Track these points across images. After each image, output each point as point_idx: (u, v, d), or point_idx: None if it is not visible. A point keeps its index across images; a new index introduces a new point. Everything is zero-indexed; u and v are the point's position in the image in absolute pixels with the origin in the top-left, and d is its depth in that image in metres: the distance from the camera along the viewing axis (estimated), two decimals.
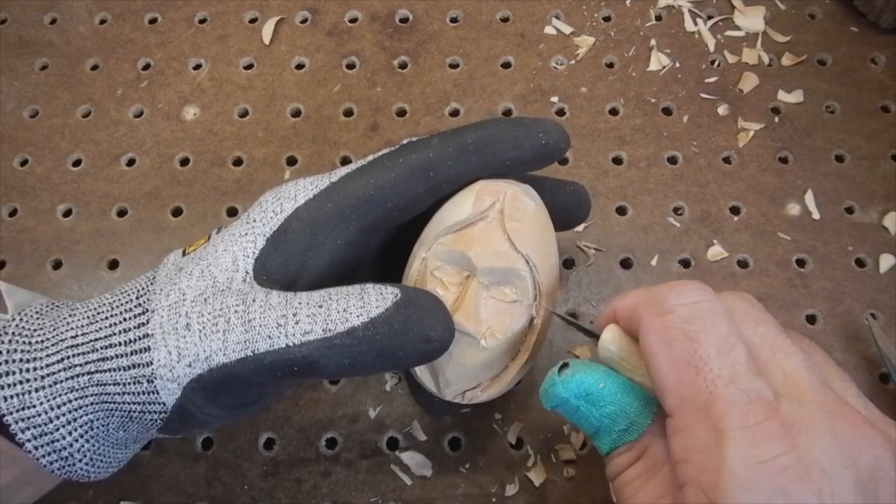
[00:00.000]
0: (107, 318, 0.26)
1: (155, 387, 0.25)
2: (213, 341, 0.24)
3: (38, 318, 0.27)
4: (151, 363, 0.25)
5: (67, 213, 0.41)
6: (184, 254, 0.28)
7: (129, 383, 0.25)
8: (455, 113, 0.43)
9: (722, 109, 0.43)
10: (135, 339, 0.25)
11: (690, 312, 0.22)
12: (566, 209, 0.32)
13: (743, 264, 0.39)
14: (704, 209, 0.40)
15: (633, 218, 0.40)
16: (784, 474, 0.20)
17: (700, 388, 0.21)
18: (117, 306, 0.26)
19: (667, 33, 0.45)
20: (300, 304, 0.25)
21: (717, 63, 0.44)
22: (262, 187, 0.41)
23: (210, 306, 0.25)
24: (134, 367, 0.25)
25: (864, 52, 0.44)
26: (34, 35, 0.46)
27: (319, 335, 0.24)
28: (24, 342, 0.25)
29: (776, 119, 0.42)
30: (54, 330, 0.26)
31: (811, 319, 0.37)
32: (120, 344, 0.25)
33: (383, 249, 0.31)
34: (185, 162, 0.42)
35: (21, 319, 0.26)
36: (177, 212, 0.41)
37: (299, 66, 0.45)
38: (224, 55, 0.45)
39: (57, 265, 0.40)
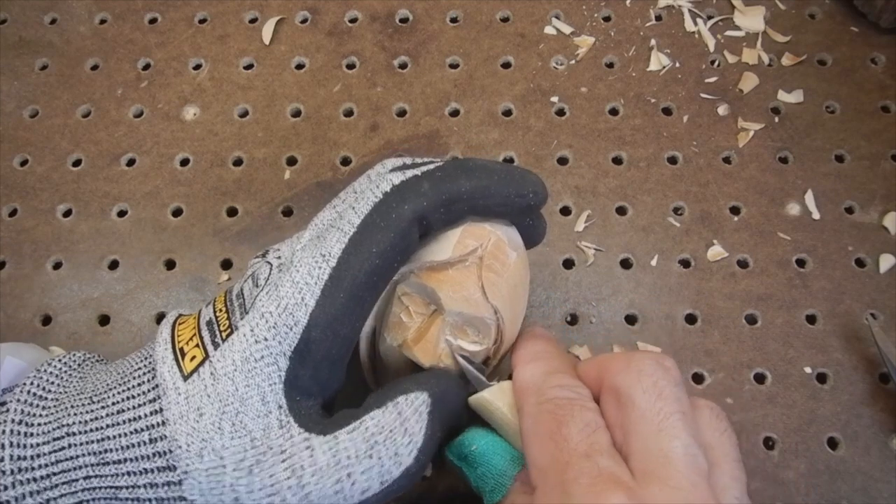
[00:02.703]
0: (120, 461, 0.24)
1: None
2: None
3: (29, 436, 0.25)
4: None
5: (67, 213, 0.41)
6: (183, 375, 0.25)
7: None
8: (455, 113, 0.43)
9: (722, 109, 0.43)
10: (168, 500, 0.24)
11: (564, 403, 0.24)
12: (524, 231, 0.31)
13: (743, 264, 0.39)
14: (704, 209, 0.40)
15: (633, 218, 0.40)
16: None
17: (558, 459, 0.22)
18: (128, 448, 0.24)
19: (667, 33, 0.45)
20: (349, 458, 0.24)
21: (717, 63, 0.44)
22: (262, 187, 0.41)
23: (258, 480, 0.24)
24: None
25: (864, 52, 0.44)
26: (34, 35, 0.46)
27: (377, 489, 0.24)
28: (28, 478, 0.24)
29: (776, 119, 0.42)
30: (57, 462, 0.24)
31: (811, 319, 0.37)
32: (150, 500, 0.24)
33: None
34: (185, 162, 0.42)
35: (12, 445, 0.24)
36: (177, 212, 0.41)
37: (299, 66, 0.45)
38: (224, 55, 0.45)
39: (57, 265, 0.40)
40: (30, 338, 0.37)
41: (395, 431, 0.24)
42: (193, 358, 0.25)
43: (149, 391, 0.25)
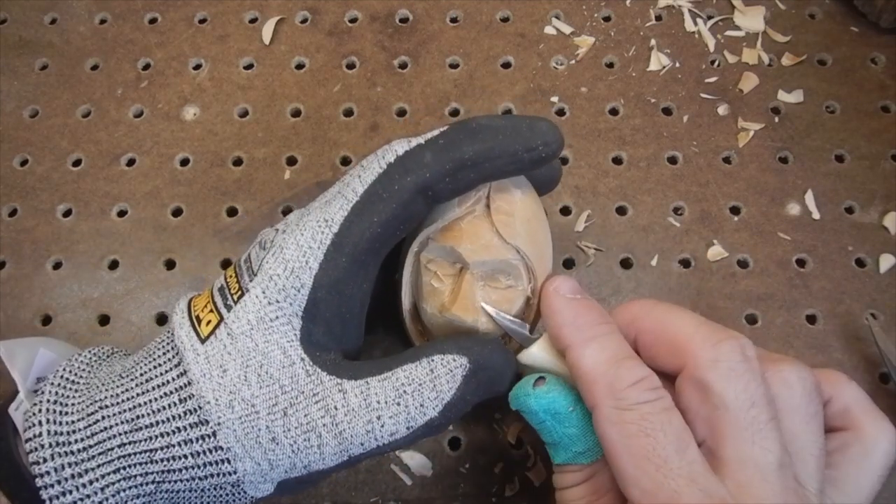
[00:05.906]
0: (152, 425, 0.25)
1: (243, 489, 0.26)
2: (308, 454, 0.25)
3: (65, 414, 0.26)
4: (235, 472, 0.25)
5: (67, 213, 0.41)
6: (200, 338, 0.26)
7: (209, 489, 0.26)
8: (455, 113, 0.43)
9: (722, 109, 0.43)
10: (204, 452, 0.25)
11: (650, 414, 0.23)
12: (537, 178, 0.31)
13: (743, 264, 0.39)
14: (704, 209, 0.40)
15: (633, 218, 0.40)
16: None
17: (664, 485, 0.22)
18: (159, 411, 0.25)
19: (667, 33, 0.45)
20: (379, 403, 0.25)
21: (717, 63, 0.44)
22: (262, 187, 0.41)
23: (293, 419, 0.25)
24: (212, 476, 0.25)
25: (864, 52, 0.44)
26: (34, 35, 0.46)
27: (404, 433, 0.26)
28: (65, 451, 0.25)
29: (776, 119, 0.42)
30: (93, 435, 0.25)
31: (811, 319, 0.37)
32: (186, 456, 0.25)
33: None
34: (185, 162, 0.42)
35: (49, 422, 0.25)
36: (177, 212, 0.41)
37: (299, 66, 0.45)
38: (224, 55, 0.45)
39: (57, 265, 0.40)
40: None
41: (423, 386, 0.25)
42: (209, 322, 0.26)
43: (172, 358, 0.26)
